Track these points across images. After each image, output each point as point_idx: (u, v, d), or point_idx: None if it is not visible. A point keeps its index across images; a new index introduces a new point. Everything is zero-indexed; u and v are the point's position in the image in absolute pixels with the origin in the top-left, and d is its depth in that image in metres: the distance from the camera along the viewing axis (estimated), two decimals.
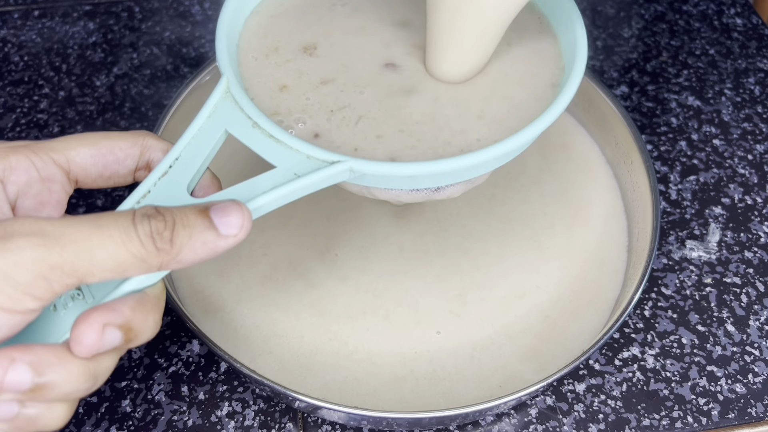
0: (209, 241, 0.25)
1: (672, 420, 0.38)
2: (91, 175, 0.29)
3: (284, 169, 0.28)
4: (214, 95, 0.30)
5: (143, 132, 0.30)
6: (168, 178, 0.28)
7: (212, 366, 0.40)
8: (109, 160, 0.29)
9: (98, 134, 0.29)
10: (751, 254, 0.45)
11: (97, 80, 0.54)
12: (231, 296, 0.40)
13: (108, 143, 0.29)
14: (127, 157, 0.29)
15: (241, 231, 0.25)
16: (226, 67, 0.31)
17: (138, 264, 0.23)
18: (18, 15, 0.59)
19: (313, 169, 0.28)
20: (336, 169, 0.28)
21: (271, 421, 0.38)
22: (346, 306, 0.40)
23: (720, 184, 0.48)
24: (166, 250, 0.24)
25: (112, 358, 0.25)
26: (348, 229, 0.43)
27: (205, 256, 0.25)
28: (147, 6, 0.59)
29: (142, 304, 0.25)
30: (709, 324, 0.42)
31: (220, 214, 0.25)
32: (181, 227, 0.24)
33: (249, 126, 0.29)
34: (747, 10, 0.60)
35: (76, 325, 0.23)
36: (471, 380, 0.38)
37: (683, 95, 0.54)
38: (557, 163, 0.47)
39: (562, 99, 0.31)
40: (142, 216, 0.23)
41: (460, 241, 0.43)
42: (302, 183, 0.28)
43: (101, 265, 0.23)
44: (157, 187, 0.28)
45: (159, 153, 0.30)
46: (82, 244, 0.22)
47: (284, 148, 0.28)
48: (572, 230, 0.43)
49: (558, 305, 0.40)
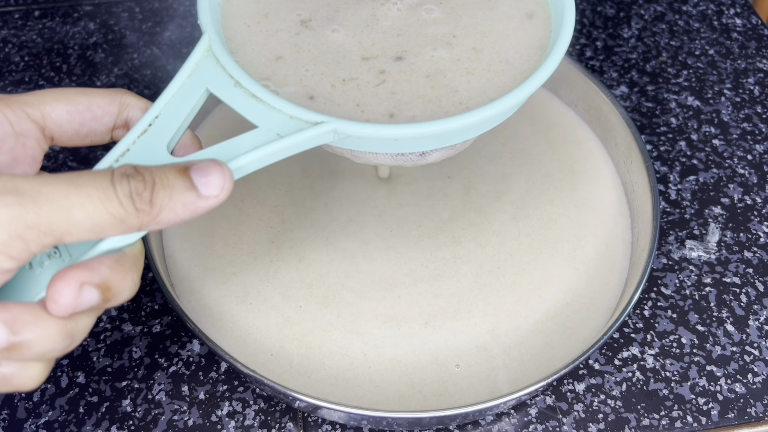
0: (189, 202, 0.24)
1: (672, 420, 0.38)
2: (67, 132, 0.28)
3: (266, 129, 0.28)
4: (195, 53, 0.29)
5: (121, 90, 0.29)
6: (147, 136, 0.27)
7: (212, 366, 0.40)
8: (86, 117, 0.28)
9: (75, 90, 0.28)
10: (751, 254, 0.45)
11: (97, 80, 0.54)
12: (231, 296, 0.40)
13: (85, 99, 0.28)
14: (104, 114, 0.29)
15: (222, 191, 0.25)
16: (207, 24, 0.31)
17: (117, 224, 0.23)
18: (18, 15, 0.59)
19: (295, 130, 0.27)
20: (319, 129, 0.27)
21: (272, 420, 0.38)
22: (346, 306, 0.40)
23: (719, 184, 0.48)
24: (146, 210, 0.23)
25: (89, 318, 0.24)
26: (350, 226, 0.43)
27: (186, 217, 0.24)
28: (147, 6, 0.60)
29: (120, 264, 0.24)
30: (708, 324, 0.42)
31: (201, 173, 0.24)
32: (161, 187, 0.24)
33: (231, 85, 0.29)
34: (746, 11, 0.60)
35: (52, 283, 0.23)
36: (471, 379, 0.38)
37: (683, 95, 0.54)
38: (565, 160, 0.47)
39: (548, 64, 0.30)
40: (121, 175, 0.23)
41: (463, 240, 0.43)
42: (285, 143, 0.27)
43: (79, 224, 0.22)
44: (137, 145, 0.27)
45: (138, 111, 0.29)
46: (59, 203, 0.22)
47: (267, 108, 0.28)
48: (578, 228, 0.44)
49: (560, 304, 0.40)
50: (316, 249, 0.42)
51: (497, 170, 0.46)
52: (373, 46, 0.32)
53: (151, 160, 0.27)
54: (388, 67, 0.31)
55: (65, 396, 0.39)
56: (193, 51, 0.30)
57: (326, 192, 0.45)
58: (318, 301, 0.40)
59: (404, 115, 0.30)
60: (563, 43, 0.31)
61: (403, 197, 0.45)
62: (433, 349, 0.39)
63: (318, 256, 0.42)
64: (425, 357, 0.38)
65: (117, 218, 0.23)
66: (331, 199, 0.44)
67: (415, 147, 0.31)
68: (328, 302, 0.40)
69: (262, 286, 0.41)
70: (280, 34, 0.33)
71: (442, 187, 0.45)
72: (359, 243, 0.43)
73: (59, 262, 0.25)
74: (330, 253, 0.42)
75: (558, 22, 0.33)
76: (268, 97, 0.28)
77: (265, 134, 0.27)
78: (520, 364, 0.38)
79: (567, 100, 0.50)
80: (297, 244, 0.42)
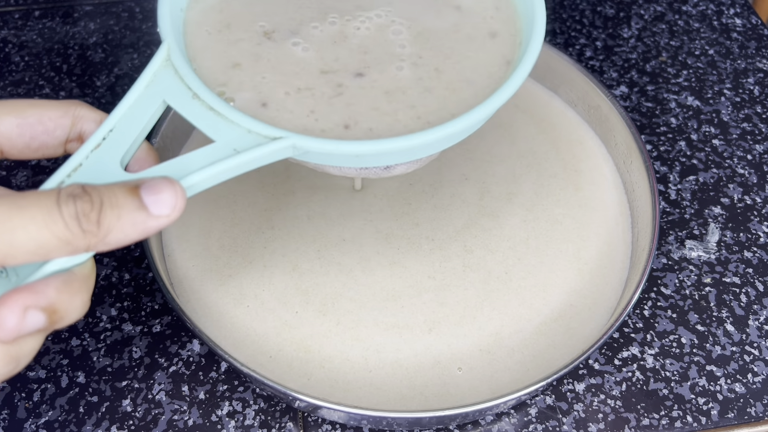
0: (139, 222, 0.23)
1: (671, 419, 0.38)
2: (17, 145, 0.27)
3: (223, 144, 0.27)
4: (153, 63, 0.28)
5: (75, 101, 0.28)
6: (101, 150, 0.26)
7: (212, 365, 0.40)
8: (37, 131, 0.27)
9: (25, 102, 0.27)
10: (751, 254, 0.45)
11: (97, 80, 0.54)
12: (228, 298, 0.40)
13: (36, 112, 0.27)
14: (57, 127, 0.28)
15: (173, 210, 0.24)
16: (167, 32, 0.30)
17: (62, 246, 0.22)
18: (19, 15, 0.59)
19: (253, 145, 0.27)
20: (278, 145, 0.27)
21: (272, 420, 0.38)
22: (346, 306, 0.40)
23: (719, 184, 0.48)
24: (93, 231, 0.22)
25: (36, 340, 0.23)
26: (349, 230, 0.43)
27: (136, 237, 0.24)
28: (147, 6, 0.60)
29: (68, 285, 0.23)
30: (708, 324, 0.42)
31: (151, 192, 0.24)
32: (108, 208, 0.23)
33: (189, 97, 0.28)
34: (746, 11, 0.60)
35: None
36: (471, 379, 0.38)
37: (683, 95, 0.54)
38: (568, 160, 0.47)
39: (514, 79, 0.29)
40: (67, 196, 0.22)
41: (474, 249, 0.42)
42: (241, 159, 0.26)
43: (22, 247, 0.21)
44: (90, 160, 0.26)
45: (92, 124, 0.28)
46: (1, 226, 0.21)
47: (224, 121, 0.27)
48: (582, 228, 0.43)
49: (564, 306, 0.40)
50: (309, 260, 0.42)
51: (508, 171, 0.46)
52: (335, 61, 0.32)
53: (105, 175, 0.26)
54: (347, 82, 0.31)
55: (65, 396, 0.39)
56: (151, 60, 0.28)
57: (327, 195, 0.45)
58: (316, 309, 0.40)
59: (360, 127, 0.30)
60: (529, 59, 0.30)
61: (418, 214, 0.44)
62: (435, 353, 0.39)
63: (311, 267, 0.41)
64: (427, 361, 0.38)
65: (62, 240, 0.22)
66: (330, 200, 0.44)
67: (378, 162, 0.30)
68: (327, 310, 0.40)
69: (259, 290, 0.40)
70: (241, 43, 0.32)
71: (460, 192, 0.45)
72: (361, 244, 0.42)
73: (5, 282, 0.24)
74: (331, 255, 0.42)
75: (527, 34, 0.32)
76: (226, 110, 0.27)
77: (222, 149, 0.27)
78: (522, 365, 0.38)
79: (567, 99, 0.50)
80: (289, 252, 0.42)
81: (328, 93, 0.30)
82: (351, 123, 0.30)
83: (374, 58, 0.32)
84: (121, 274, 0.43)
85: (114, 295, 0.42)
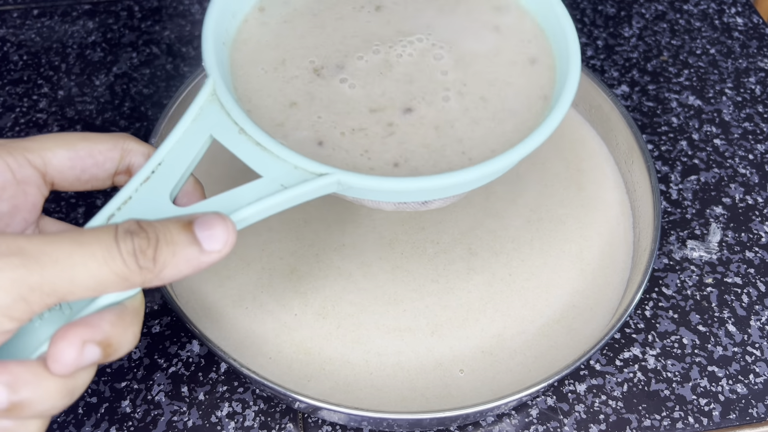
0: (193, 258, 0.24)
1: (673, 420, 0.38)
2: (68, 178, 0.28)
3: (270, 180, 0.27)
4: (199, 98, 0.29)
5: (124, 135, 0.29)
6: (150, 183, 0.27)
7: (212, 366, 0.40)
8: (87, 163, 0.28)
9: (76, 135, 0.28)
10: (752, 254, 0.45)
11: (96, 80, 0.54)
12: (227, 299, 0.40)
13: (87, 145, 0.28)
14: (106, 160, 0.28)
15: (225, 246, 0.24)
16: (212, 67, 0.30)
17: (120, 282, 0.23)
18: (17, 14, 0.59)
19: (300, 181, 0.27)
20: (324, 181, 0.27)
21: (272, 421, 0.38)
22: (347, 309, 0.40)
23: (721, 183, 0.48)
24: (149, 268, 0.23)
25: (89, 373, 0.24)
26: (349, 231, 0.43)
27: (188, 273, 0.24)
28: (146, 5, 0.59)
29: (121, 318, 0.24)
30: (710, 324, 0.42)
31: (204, 227, 0.24)
32: (164, 244, 0.23)
33: (235, 132, 0.28)
34: (748, 10, 0.60)
35: (53, 342, 0.22)
36: (473, 381, 0.38)
37: (684, 95, 0.53)
38: (571, 159, 0.46)
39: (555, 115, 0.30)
40: (125, 232, 0.23)
41: (479, 251, 0.42)
42: (289, 195, 0.27)
43: (82, 284, 0.22)
44: (139, 193, 0.26)
45: (140, 157, 0.29)
46: (63, 264, 0.21)
47: (271, 157, 0.27)
48: (585, 228, 0.43)
49: (567, 306, 0.40)
50: (307, 263, 0.41)
51: (512, 170, 0.46)
52: (381, 96, 0.32)
53: (154, 208, 0.26)
54: (397, 120, 0.32)
55: None
56: (198, 95, 0.29)
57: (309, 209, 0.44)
58: (315, 311, 0.39)
59: (408, 165, 0.30)
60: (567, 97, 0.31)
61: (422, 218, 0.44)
62: (437, 355, 0.38)
63: (309, 270, 0.41)
64: (429, 363, 0.38)
65: (120, 276, 0.22)
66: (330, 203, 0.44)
67: (417, 197, 0.31)
68: (327, 313, 0.39)
69: (257, 292, 0.40)
70: (295, 81, 0.33)
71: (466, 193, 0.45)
72: (361, 245, 0.42)
73: (59, 315, 0.24)
74: (330, 256, 0.42)
75: (563, 72, 0.32)
76: (272, 145, 0.27)
77: (269, 184, 0.27)
78: (524, 366, 0.38)
79: None
80: (287, 255, 0.42)
81: (381, 133, 0.31)
82: (401, 161, 0.30)
83: (420, 88, 0.32)
84: None
85: None
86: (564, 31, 0.33)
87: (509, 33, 0.34)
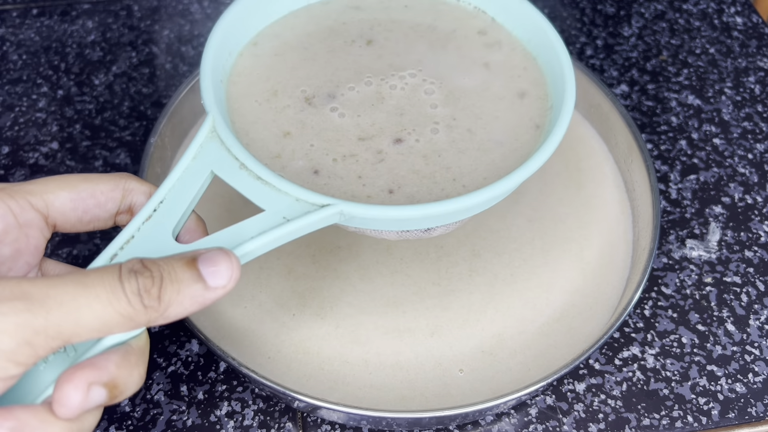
0: (197, 294, 0.24)
1: (672, 419, 0.38)
2: (71, 219, 0.28)
3: (273, 213, 0.27)
4: (199, 135, 0.29)
5: (125, 174, 0.29)
6: (152, 222, 0.27)
7: (211, 366, 0.40)
8: (89, 204, 0.28)
9: (78, 176, 0.28)
10: (752, 253, 0.45)
11: (96, 79, 0.54)
12: (226, 298, 0.40)
13: (88, 186, 0.28)
14: (108, 200, 0.28)
15: (230, 281, 0.24)
16: (211, 105, 0.30)
17: (125, 322, 0.22)
18: (17, 13, 0.59)
19: (302, 213, 0.27)
20: (326, 212, 0.27)
21: (271, 420, 0.38)
22: (345, 311, 0.40)
23: (720, 183, 0.48)
24: (154, 307, 0.23)
25: (95, 416, 0.24)
26: (344, 238, 0.43)
27: (193, 310, 0.24)
28: (146, 5, 0.59)
29: (126, 359, 0.24)
30: (709, 323, 0.42)
31: (209, 264, 0.24)
32: (169, 282, 0.23)
33: (236, 167, 0.28)
34: (747, 9, 0.60)
35: (59, 385, 0.22)
36: (472, 381, 0.38)
37: (683, 94, 0.53)
38: (570, 158, 0.46)
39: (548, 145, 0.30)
40: (128, 272, 0.23)
41: (482, 252, 0.42)
42: (292, 227, 0.27)
43: (88, 326, 0.22)
44: (141, 232, 0.26)
45: (142, 196, 0.29)
46: (67, 307, 0.21)
47: (273, 190, 0.28)
48: (585, 227, 0.43)
49: (567, 306, 0.40)
50: (304, 264, 0.41)
51: None
52: (371, 126, 0.33)
53: (157, 247, 0.26)
54: (386, 148, 0.32)
55: None
56: (198, 133, 0.29)
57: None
58: (313, 312, 0.39)
59: (403, 192, 0.31)
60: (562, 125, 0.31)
61: None
62: (437, 355, 0.38)
63: (306, 271, 0.41)
64: (428, 363, 0.38)
65: (125, 316, 0.22)
66: None
67: (419, 225, 0.31)
68: (325, 314, 0.39)
69: (256, 292, 0.40)
70: (287, 111, 0.33)
71: None
72: (360, 246, 0.42)
73: (64, 357, 0.24)
74: (329, 256, 0.42)
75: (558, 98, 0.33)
76: (274, 179, 0.28)
77: (272, 218, 0.27)
78: (524, 366, 0.38)
79: None
80: (283, 255, 0.41)
81: (371, 159, 0.32)
82: (395, 188, 0.31)
83: (410, 121, 0.33)
84: None
85: None
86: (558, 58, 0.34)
87: (498, 69, 0.35)
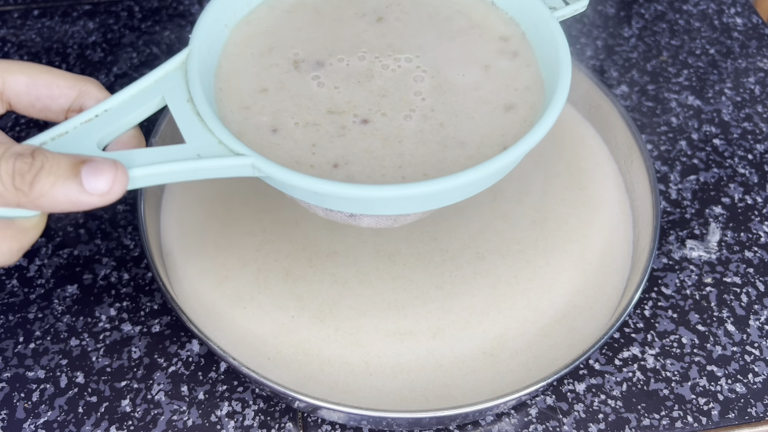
0: (72, 194, 0.25)
1: (672, 420, 0.38)
2: (23, 101, 0.30)
3: (191, 147, 0.28)
4: (169, 63, 0.30)
5: (88, 79, 0.30)
6: (90, 125, 0.28)
7: (212, 366, 0.40)
8: (42, 93, 0.30)
9: (42, 67, 0.30)
10: (752, 254, 0.45)
11: (96, 79, 0.54)
12: (226, 299, 0.40)
13: (47, 77, 0.30)
14: (61, 95, 0.30)
15: (108, 194, 0.25)
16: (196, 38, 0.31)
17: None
18: (18, 14, 0.59)
19: (216, 155, 0.28)
20: (238, 161, 0.28)
21: (271, 420, 0.38)
22: (345, 314, 0.40)
23: (720, 183, 0.48)
24: (24, 191, 0.24)
25: None
26: (347, 232, 0.43)
27: (67, 208, 0.25)
28: (147, 5, 0.59)
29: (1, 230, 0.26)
30: (709, 324, 0.42)
31: (92, 171, 0.25)
32: (45, 174, 0.25)
33: (184, 100, 0.29)
34: (747, 10, 0.60)
35: None
36: (473, 381, 0.38)
37: (683, 95, 0.54)
38: (571, 158, 0.46)
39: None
40: (12, 154, 0.24)
41: (486, 255, 0.42)
42: (201, 165, 0.28)
43: None
44: (77, 130, 0.28)
45: (94, 102, 0.30)
46: None
47: (203, 127, 0.29)
48: (586, 228, 0.43)
49: (568, 306, 0.40)
50: (301, 267, 0.41)
51: (517, 169, 0.46)
52: (346, 103, 0.32)
53: (83, 148, 0.27)
54: (350, 125, 0.32)
55: (64, 396, 0.39)
56: (169, 60, 0.30)
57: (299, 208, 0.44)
58: (312, 314, 0.39)
59: (346, 169, 0.30)
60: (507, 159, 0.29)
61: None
62: (438, 356, 0.38)
63: (304, 274, 0.41)
64: (429, 364, 0.38)
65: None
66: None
67: (339, 206, 0.30)
68: (325, 316, 0.39)
69: (255, 293, 0.40)
70: (273, 69, 0.33)
71: None
72: (360, 246, 0.42)
73: None
74: (329, 257, 0.42)
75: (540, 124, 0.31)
76: (208, 117, 0.29)
77: (187, 151, 0.28)
78: (525, 366, 0.38)
79: (568, 98, 0.49)
80: (281, 257, 0.41)
81: (331, 132, 0.31)
82: (341, 163, 0.30)
83: (389, 103, 0.33)
84: (120, 273, 0.43)
85: (113, 295, 0.42)
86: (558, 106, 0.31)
87: (497, 75, 0.33)
